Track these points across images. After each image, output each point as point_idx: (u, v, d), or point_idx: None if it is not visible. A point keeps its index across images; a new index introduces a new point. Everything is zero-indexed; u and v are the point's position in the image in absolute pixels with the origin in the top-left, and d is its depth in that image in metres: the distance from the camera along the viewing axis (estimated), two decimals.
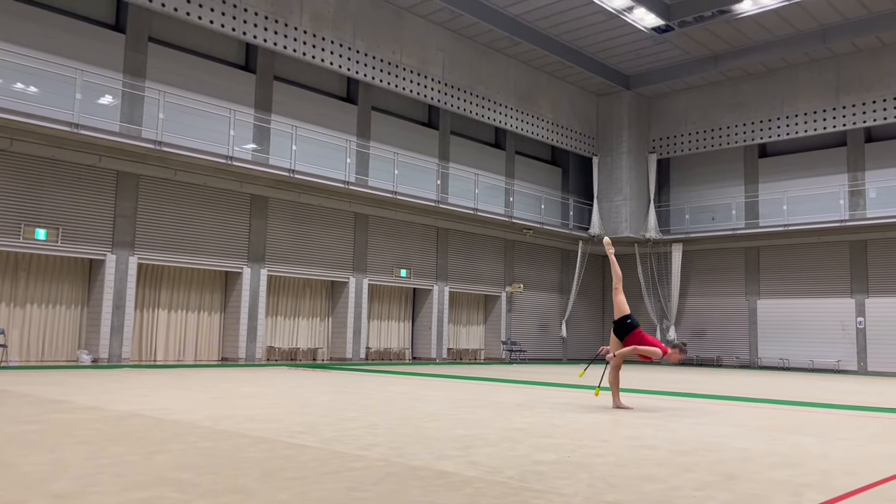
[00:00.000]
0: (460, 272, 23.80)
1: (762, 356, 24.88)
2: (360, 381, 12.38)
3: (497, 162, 25.57)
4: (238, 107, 18.17)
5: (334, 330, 20.77)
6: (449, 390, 10.66)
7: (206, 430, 5.62)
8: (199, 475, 3.83)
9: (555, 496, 3.59)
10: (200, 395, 8.68)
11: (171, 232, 16.95)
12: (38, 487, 3.48)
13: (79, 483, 3.59)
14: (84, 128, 14.73)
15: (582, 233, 26.82)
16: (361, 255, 20.92)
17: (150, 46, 17.00)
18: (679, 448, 5.35)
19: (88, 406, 7.18)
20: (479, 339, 25.25)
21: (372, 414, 7.11)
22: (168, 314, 17.54)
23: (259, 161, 18.12)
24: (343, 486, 3.69)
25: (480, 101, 23.58)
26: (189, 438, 5.17)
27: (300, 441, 5.16)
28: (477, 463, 4.46)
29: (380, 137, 21.61)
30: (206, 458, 4.41)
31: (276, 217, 19.04)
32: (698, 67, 25.26)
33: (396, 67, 21.10)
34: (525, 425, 6.52)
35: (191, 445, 4.85)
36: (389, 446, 5.04)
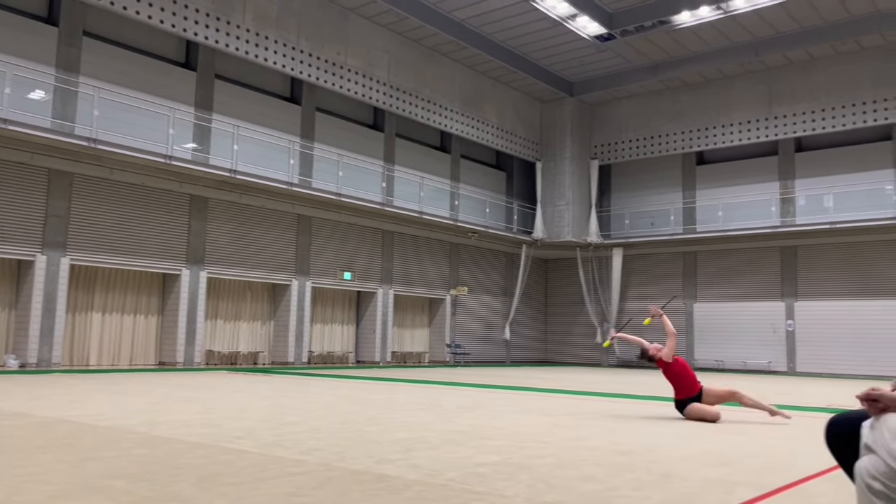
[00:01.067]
0: (405, 275, 23.76)
1: (698, 357, 25.58)
2: (303, 385, 12.23)
3: (442, 165, 25.64)
4: (178, 105, 17.75)
5: (276, 333, 20.46)
6: (392, 394, 10.63)
7: (141, 436, 5.46)
8: (132, 483, 3.72)
9: (496, 498, 3.62)
10: (135, 401, 8.44)
11: (107, 233, 16.43)
12: None
13: (3, 493, 3.44)
14: (14, 123, 14.16)
15: (525, 237, 27.10)
16: (304, 257, 20.67)
17: (85, 41, 16.46)
18: (618, 448, 5.46)
19: (15, 412, 6.90)
20: (424, 343, 25.24)
21: (313, 418, 7.03)
22: (102, 317, 16.99)
23: (199, 161, 17.73)
24: (282, 491, 3.64)
25: (426, 105, 23.61)
26: (123, 445, 5.02)
27: (239, 446, 5.07)
28: (418, 466, 4.46)
29: (324, 139, 21.41)
30: (140, 464, 4.28)
31: (217, 218, 18.66)
32: (639, 76, 25.85)
33: (341, 69, 20.95)
34: (467, 428, 6.55)
35: (124, 452, 4.71)
36: (330, 450, 4.99)
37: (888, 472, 2.00)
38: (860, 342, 22.50)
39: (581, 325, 28.57)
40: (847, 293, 22.99)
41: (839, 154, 24.11)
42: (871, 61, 22.87)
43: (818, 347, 23.35)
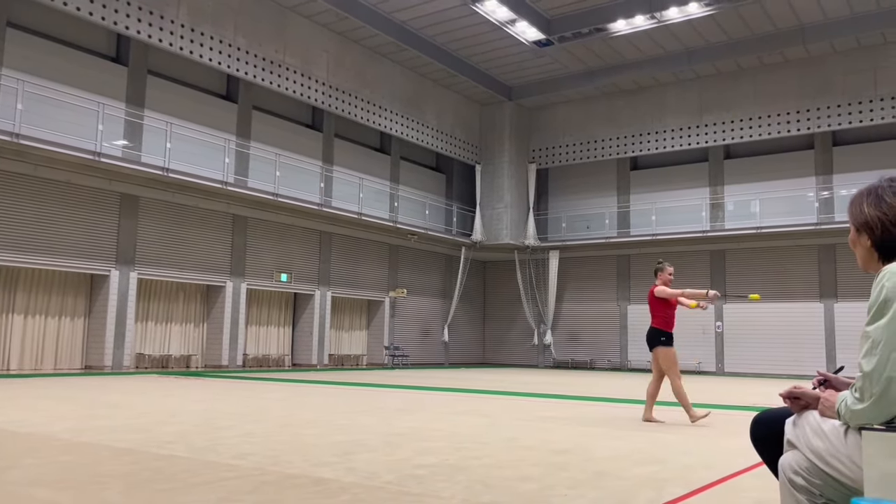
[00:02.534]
0: (343, 277, 23.56)
1: (632, 359, 26.19)
2: (237, 388, 11.98)
3: (382, 166, 25.54)
4: (108, 100, 17.17)
5: (209, 336, 19.98)
6: (330, 397, 10.52)
7: (66, 443, 5.25)
8: (56, 491, 3.58)
9: (432, 499, 3.62)
10: (60, 406, 8.11)
11: (30, 231, 15.76)
12: None
13: None
14: None
15: (465, 239, 27.25)
16: (240, 258, 20.27)
17: (9, 32, 15.76)
18: (554, 448, 5.53)
19: None
20: (362, 345, 25.08)
21: (248, 422, 6.90)
22: (24, 319, 16.28)
23: (130, 158, 17.19)
24: (215, 496, 3.55)
25: (366, 105, 23.49)
26: (46, 452, 4.81)
27: (170, 452, 4.93)
28: (356, 469, 4.42)
29: (261, 137, 21.06)
30: (64, 472, 4.12)
31: (148, 217, 18.12)
32: (576, 82, 26.33)
33: (279, 67, 20.65)
34: (406, 430, 6.53)
35: (48, 460, 4.52)
36: (265, 455, 4.90)
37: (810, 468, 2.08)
38: (785, 342, 23.45)
39: (518, 327, 28.89)
40: (773, 295, 23.92)
41: (765, 161, 25.09)
42: (796, 73, 23.87)
43: (746, 348, 24.22)
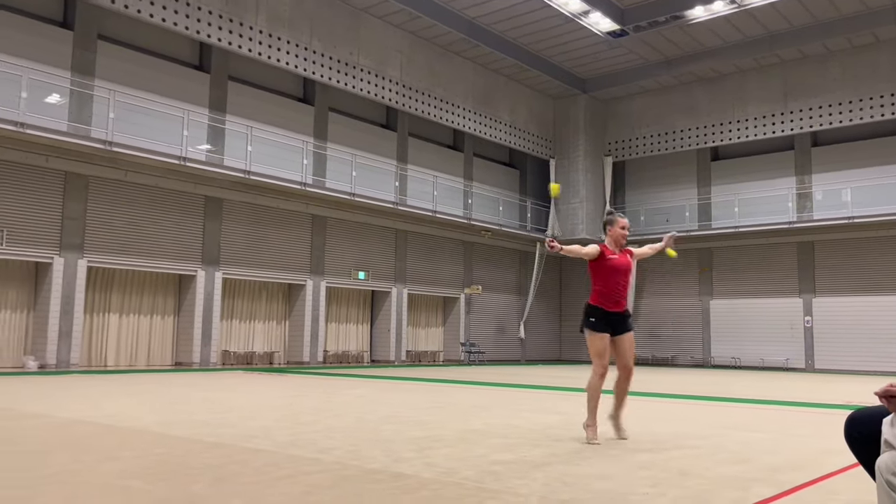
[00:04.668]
0: (419, 274, 23.77)
1: (715, 355, 25.41)
2: (318, 384, 12.27)
3: (455, 164, 25.62)
4: (192, 107, 17.85)
5: (291, 333, 20.54)
6: (407, 393, 10.64)
7: (158, 436, 5.49)
8: (149, 483, 3.75)
9: (510, 496, 3.61)
10: (152, 401, 8.49)
11: (123, 234, 16.56)
12: None
13: (24, 493, 3.47)
14: (31, 127, 14.31)
15: (539, 234, 27.04)
16: (319, 257, 20.74)
17: (100, 44, 16.59)
18: (634, 447, 5.43)
19: (34, 413, 6.96)
20: (438, 342, 25.25)
21: (329, 417, 7.05)
22: (119, 318, 17.13)
23: (213, 162, 17.83)
24: (298, 490, 3.65)
25: (439, 104, 23.61)
26: (139, 445, 5.05)
27: (255, 446, 5.09)
28: (434, 465, 4.45)
29: (337, 139, 21.46)
30: (157, 464, 4.31)
31: (232, 219, 18.76)
32: (652, 71, 25.70)
33: (354, 68, 20.99)
34: (482, 426, 6.54)
35: (141, 452, 4.74)
36: (346, 449, 4.99)
37: None
38: (879, 338, 22.25)
39: None
40: (866, 289, 22.74)
41: (856, 148, 23.85)
42: (889, 53, 22.60)
43: (836, 344, 23.12)
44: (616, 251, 5.78)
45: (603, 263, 5.66)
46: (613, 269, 5.65)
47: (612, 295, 5.64)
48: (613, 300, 5.66)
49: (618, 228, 5.80)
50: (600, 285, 5.66)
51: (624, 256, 5.78)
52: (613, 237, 5.81)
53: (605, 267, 5.64)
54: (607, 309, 5.63)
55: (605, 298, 5.64)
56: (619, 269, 5.67)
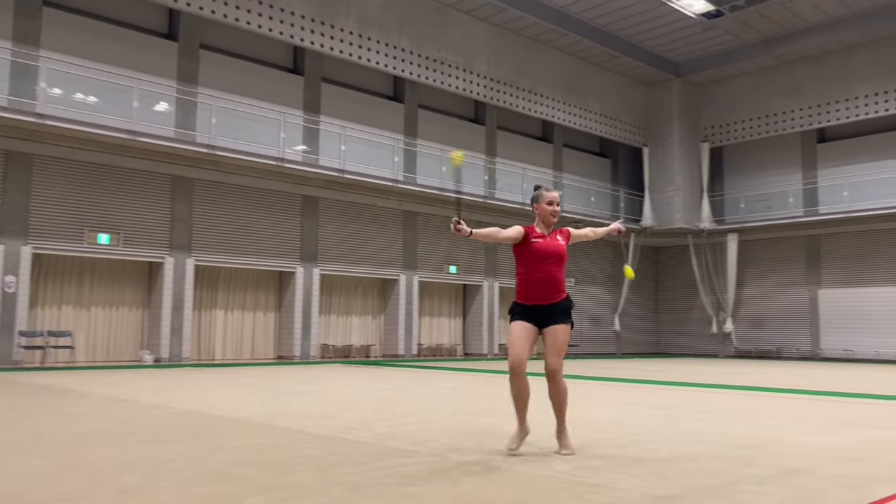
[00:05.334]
0: (510, 267, 23.70)
1: (825, 347, 24.13)
2: (413, 377, 12.47)
3: (545, 155, 25.40)
4: (288, 109, 18.46)
5: (386, 327, 20.95)
6: (501, 386, 10.65)
7: (263, 427, 5.74)
8: (256, 471, 3.93)
9: (609, 490, 3.57)
10: (257, 393, 8.87)
11: (226, 234, 17.34)
12: (105, 482, 3.62)
13: (144, 478, 3.72)
14: (141, 135, 15.19)
15: (634, 225, 26.43)
16: (411, 252, 21.05)
17: (202, 53, 17.40)
18: (737, 442, 5.25)
19: (151, 404, 7.42)
20: None
21: (424, 410, 7.16)
22: (225, 314, 17.96)
23: (309, 162, 18.39)
24: (396, 481, 3.74)
25: (527, 95, 23.45)
26: (246, 435, 5.29)
27: (354, 437, 5.24)
28: (528, 458, 4.46)
29: (427, 135, 21.68)
30: (263, 454, 4.51)
31: (328, 217, 19.30)
32: (750, 52, 24.60)
33: (442, 64, 21.14)
34: (579, 421, 6.47)
35: (248, 442, 4.97)
36: (442, 442, 5.07)
37: None
38: None
39: (695, 315, 27.56)
40: None
41: None
42: None
43: None
44: (545, 232, 4.73)
45: (527, 248, 4.64)
46: (540, 254, 4.61)
47: (538, 285, 4.62)
48: (540, 292, 4.62)
49: (544, 204, 4.75)
50: (524, 273, 4.67)
51: (554, 239, 4.73)
52: (541, 215, 4.76)
53: (530, 252, 4.63)
54: (529, 304, 4.65)
55: (531, 289, 4.64)
56: (547, 254, 4.62)
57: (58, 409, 6.96)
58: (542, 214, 4.78)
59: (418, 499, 3.35)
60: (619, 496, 3.46)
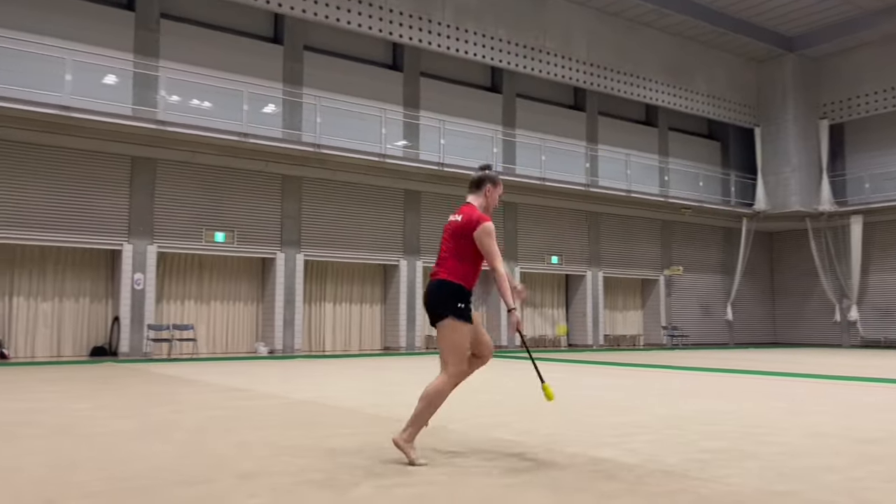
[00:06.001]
0: (614, 256, 23.25)
1: None
2: (515, 368, 12.47)
3: (649, 140, 24.68)
4: (388, 105, 18.80)
5: (488, 317, 21.02)
6: (607, 377, 10.49)
7: (371, 417, 5.91)
8: (366, 458, 4.06)
9: (721, 485, 3.46)
10: (366, 384, 9.14)
11: (333, 229, 17.89)
12: (225, 467, 3.84)
13: (261, 464, 3.92)
14: (252, 136, 15.89)
15: (745, 209, 25.28)
16: (512, 243, 21.00)
17: (306, 55, 17.99)
18: (862, 437, 4.95)
19: (268, 394, 7.79)
20: (638, 325, 24.57)
21: (528, 401, 7.16)
22: (334, 307, 18.56)
23: (410, 157, 18.68)
24: (499, 471, 3.76)
25: (628, 79, 22.84)
26: (356, 424, 5.47)
27: (457, 427, 5.31)
28: (637, 451, 4.38)
29: (525, 124, 21.54)
30: (371, 442, 4.65)
31: (429, 210, 19.54)
32: (873, 21, 22.91)
33: (540, 52, 20.92)
34: (689, 412, 6.29)
35: (358, 430, 5.14)
36: (545, 433, 5.06)
37: None
38: None
39: (815, 303, 26.06)
40: None
41: None
42: None
43: None
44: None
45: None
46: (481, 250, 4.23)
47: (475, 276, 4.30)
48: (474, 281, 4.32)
49: (497, 194, 4.47)
50: (474, 265, 4.25)
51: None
52: (490, 202, 4.44)
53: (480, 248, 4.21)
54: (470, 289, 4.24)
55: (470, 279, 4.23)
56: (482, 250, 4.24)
57: (183, 398, 7.43)
58: (490, 201, 4.45)
59: (517, 489, 3.36)
60: (730, 491, 3.35)
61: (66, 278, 15.16)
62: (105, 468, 3.80)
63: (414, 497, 3.21)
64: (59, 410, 6.29)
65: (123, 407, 6.57)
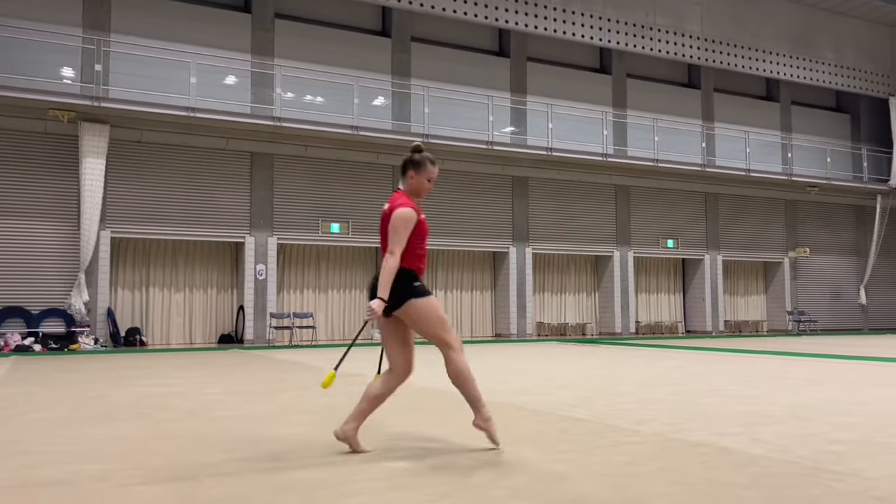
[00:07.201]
0: (734, 239, 22.26)
1: None
2: (631, 355, 12.21)
3: (769, 116, 23.40)
4: (495, 92, 18.78)
5: (601, 304, 20.68)
6: (728, 364, 10.09)
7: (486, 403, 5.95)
8: (483, 443, 4.10)
9: (856, 479, 3.26)
10: (478, 371, 9.21)
11: (442, 217, 18.10)
12: (348, 451, 3.98)
13: (383, 446, 4.04)
14: (362, 129, 16.31)
15: (880, 185, 23.53)
16: (624, 227, 20.52)
17: (413, 46, 18.23)
18: None
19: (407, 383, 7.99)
20: (760, 310, 23.44)
21: (645, 388, 7.00)
22: (444, 294, 18.81)
23: (517, 143, 18.58)
24: (620, 459, 3.71)
25: (746, 53, 21.71)
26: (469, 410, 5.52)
27: (573, 414, 5.26)
28: (762, 441, 4.19)
29: (637, 105, 20.93)
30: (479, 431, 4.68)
31: (537, 196, 19.41)
32: None
33: (650, 30, 20.24)
34: (817, 402, 5.96)
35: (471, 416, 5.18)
36: (665, 421, 4.93)
37: None
38: None
39: None
40: None
41: None
42: None
43: None
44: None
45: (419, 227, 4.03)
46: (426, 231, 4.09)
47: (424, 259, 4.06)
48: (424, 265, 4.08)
49: (426, 178, 4.17)
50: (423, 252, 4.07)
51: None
52: (417, 186, 4.16)
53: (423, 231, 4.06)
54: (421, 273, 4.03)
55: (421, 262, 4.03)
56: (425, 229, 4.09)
57: (306, 384, 7.77)
58: (418, 186, 4.15)
59: (641, 478, 3.30)
60: (866, 486, 3.15)
61: (196, 270, 16.16)
62: (234, 450, 4.04)
63: (546, 481, 3.22)
64: (192, 395, 6.73)
65: (251, 392, 6.95)
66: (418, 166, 4.11)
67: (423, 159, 4.11)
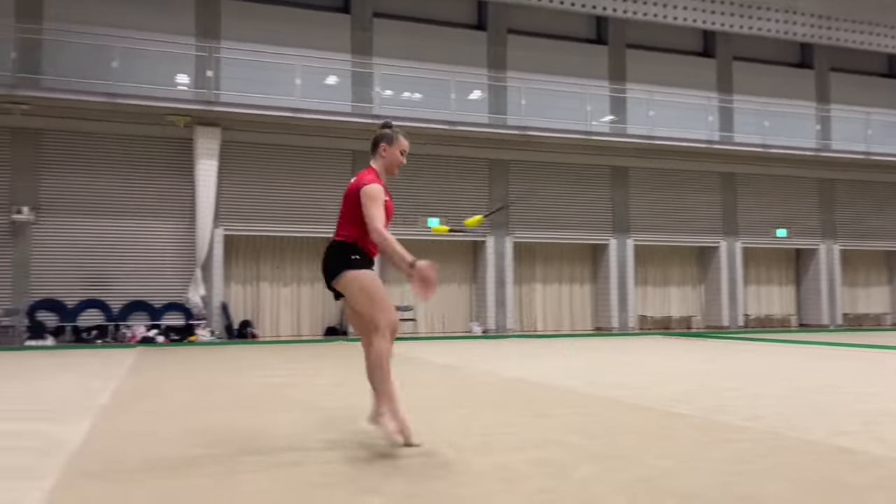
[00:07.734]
0: (853, 227, 20.93)
1: None
2: (740, 349, 11.74)
3: (893, 95, 21.83)
4: (593, 81, 18.44)
5: (707, 297, 19.96)
6: (845, 360, 9.53)
7: (584, 397, 5.89)
8: (583, 439, 4.06)
9: None
10: (579, 363, 9.11)
11: (540, 210, 17.96)
12: (446, 441, 4.04)
13: (481, 440, 4.08)
14: (459, 124, 16.40)
15: None
16: (731, 217, 19.70)
17: (509, 38, 18.15)
18: None
19: (483, 372, 8.06)
20: (885, 303, 21.96)
21: (755, 384, 6.72)
22: (543, 287, 18.69)
23: (616, 132, 18.18)
24: (728, 456, 3.59)
25: (867, 27, 20.34)
26: (569, 404, 5.49)
27: (677, 410, 5.12)
28: (886, 441, 3.95)
29: (744, 88, 20.01)
30: (587, 423, 4.64)
31: (637, 186, 18.93)
32: None
33: (758, 10, 19.30)
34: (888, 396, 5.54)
35: (572, 411, 5.15)
36: (777, 418, 4.72)
37: None
38: None
39: None
40: None
41: None
42: None
43: None
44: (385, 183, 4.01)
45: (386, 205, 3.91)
46: (389, 213, 3.94)
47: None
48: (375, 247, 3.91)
49: (398, 151, 4.09)
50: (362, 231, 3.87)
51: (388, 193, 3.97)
52: (389, 162, 4.08)
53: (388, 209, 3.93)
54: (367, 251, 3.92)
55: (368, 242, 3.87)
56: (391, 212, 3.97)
57: (406, 377, 7.92)
58: (390, 161, 4.08)
59: (751, 476, 3.18)
60: None
61: (302, 265, 16.75)
62: (342, 439, 4.18)
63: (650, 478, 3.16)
64: (302, 386, 7.00)
65: (356, 383, 7.16)
66: (391, 140, 4.08)
67: (392, 133, 4.09)
